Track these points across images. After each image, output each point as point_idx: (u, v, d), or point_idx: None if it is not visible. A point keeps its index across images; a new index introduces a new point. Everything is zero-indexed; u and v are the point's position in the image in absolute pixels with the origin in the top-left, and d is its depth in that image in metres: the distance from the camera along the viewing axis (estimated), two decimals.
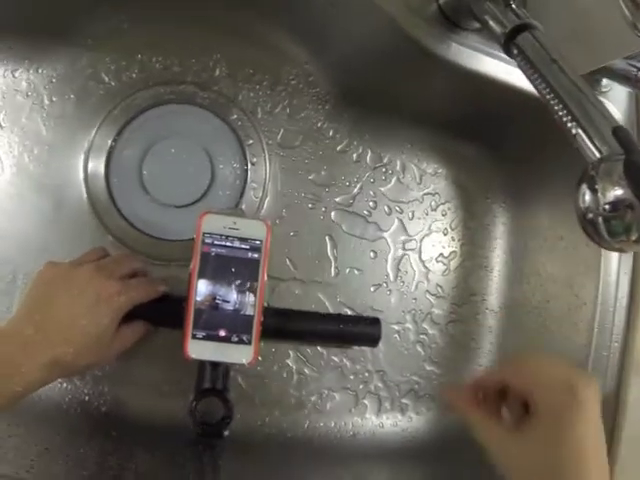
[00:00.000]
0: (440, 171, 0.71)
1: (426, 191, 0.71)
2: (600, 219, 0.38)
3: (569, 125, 0.42)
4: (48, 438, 0.55)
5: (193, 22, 0.64)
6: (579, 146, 0.41)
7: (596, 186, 0.38)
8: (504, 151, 0.70)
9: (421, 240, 0.70)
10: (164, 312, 0.58)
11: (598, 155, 0.39)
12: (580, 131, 0.41)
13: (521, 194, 0.71)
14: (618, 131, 0.40)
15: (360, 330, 0.63)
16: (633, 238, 0.37)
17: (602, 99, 0.62)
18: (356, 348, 0.67)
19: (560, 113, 0.42)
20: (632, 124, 0.63)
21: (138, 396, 0.62)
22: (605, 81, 0.62)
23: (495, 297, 0.72)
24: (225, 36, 0.65)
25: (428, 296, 0.70)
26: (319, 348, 0.66)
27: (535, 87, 0.45)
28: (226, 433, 0.56)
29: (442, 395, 0.52)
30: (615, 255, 0.61)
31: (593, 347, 0.61)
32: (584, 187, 0.39)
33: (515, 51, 0.47)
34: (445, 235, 0.71)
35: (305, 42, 0.65)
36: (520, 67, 0.46)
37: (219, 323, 0.54)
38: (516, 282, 0.71)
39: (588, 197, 0.38)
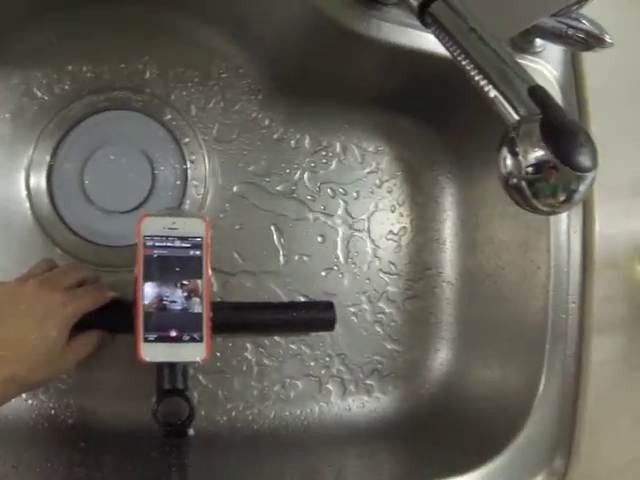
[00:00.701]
0: (381, 148, 0.71)
1: (369, 169, 0.71)
2: (524, 183, 0.37)
3: (486, 88, 0.41)
4: (16, 455, 0.56)
5: (118, 28, 0.64)
6: (498, 109, 0.41)
7: (516, 149, 0.37)
8: (444, 121, 0.70)
9: (369, 219, 0.70)
10: (115, 318, 0.59)
11: (516, 117, 0.39)
12: (497, 93, 0.40)
13: (466, 163, 0.71)
14: (534, 90, 0.39)
15: (314, 316, 0.64)
16: (561, 199, 0.36)
17: (537, 59, 0.62)
18: (314, 334, 0.67)
19: (477, 77, 0.42)
20: (569, 81, 0.63)
21: (103, 404, 0.62)
22: (539, 41, 0.62)
23: (450, 269, 0.72)
24: (152, 38, 0.65)
25: (382, 275, 0.70)
26: (276, 338, 0.66)
27: (450, 53, 0.44)
28: (191, 432, 0.57)
29: None
30: (564, 215, 0.61)
31: (550, 310, 0.60)
32: (504, 151, 0.38)
33: (429, 20, 0.46)
34: (393, 212, 0.71)
35: (230, 34, 0.65)
36: (436, 36, 0.46)
37: (169, 324, 0.55)
38: (470, 252, 0.71)
39: (509, 161, 0.38)
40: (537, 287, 0.62)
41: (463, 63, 0.43)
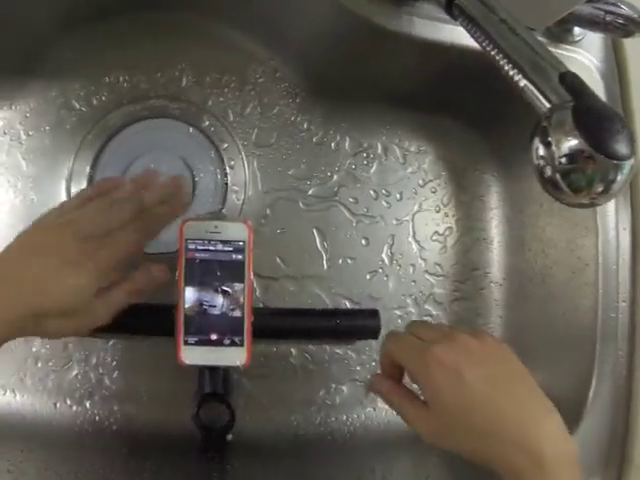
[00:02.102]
0: (423, 148, 0.70)
1: (411, 170, 0.70)
2: (558, 175, 0.35)
3: (516, 78, 0.40)
4: (59, 462, 0.56)
5: (151, 36, 0.65)
6: (530, 99, 0.39)
7: (549, 138, 0.35)
8: (486, 119, 0.68)
9: (413, 220, 0.69)
10: (155, 320, 0.59)
11: (548, 105, 0.37)
12: (527, 82, 0.39)
13: (511, 160, 0.69)
14: (565, 77, 0.37)
15: (358, 323, 0.63)
16: (598, 190, 0.34)
17: (576, 48, 0.61)
18: None
19: (506, 67, 0.40)
20: (612, 70, 0.61)
21: (146, 410, 0.62)
22: (577, 30, 0.61)
23: (497, 269, 0.70)
24: (186, 44, 0.65)
25: (427, 276, 0.69)
26: None
27: (479, 44, 0.43)
28: (229, 437, 0.56)
29: (372, 390, 0.51)
30: (611, 210, 0.59)
31: (600, 309, 0.58)
32: (537, 141, 0.36)
33: (457, 12, 0.45)
34: (438, 212, 0.70)
35: (264, 38, 0.65)
36: (464, 27, 0.44)
37: (210, 327, 0.54)
38: (517, 251, 0.69)
39: (542, 152, 0.36)
40: (586, 286, 0.60)
41: (492, 53, 0.42)
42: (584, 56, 0.61)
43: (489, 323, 0.70)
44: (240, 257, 0.54)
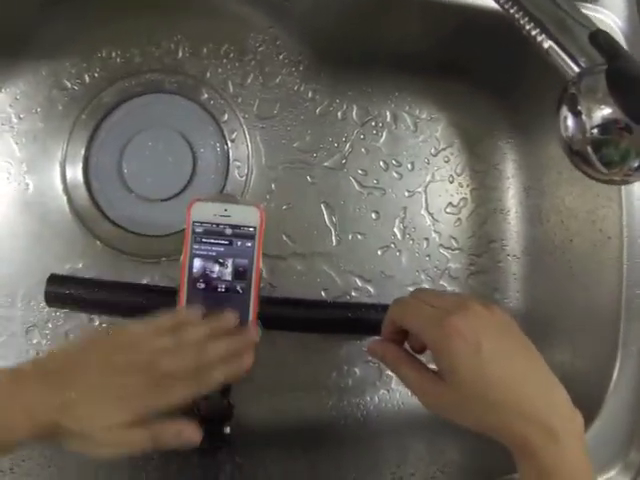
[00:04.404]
0: (435, 115, 0.67)
1: (423, 138, 0.67)
2: (589, 148, 0.31)
3: (539, 39, 0.36)
4: (62, 458, 0.54)
5: (144, 8, 0.61)
6: (555, 62, 0.35)
7: (578, 107, 0.32)
8: (501, 82, 0.65)
9: (425, 191, 0.66)
10: (156, 305, 0.55)
11: (576, 69, 0.33)
12: (552, 43, 0.35)
13: (528, 126, 0.66)
14: (596, 36, 0.34)
15: (371, 317, 0.60)
16: (634, 165, 0.31)
17: (598, 7, 0.57)
18: None
19: (528, 27, 0.37)
20: (636, 32, 0.58)
21: None
22: None
23: (515, 241, 0.68)
24: (181, 15, 0.62)
25: (442, 250, 0.66)
26: None
27: (497, 2, 0.39)
28: (227, 430, 0.54)
29: (371, 354, 0.48)
30: None
31: (624, 286, 0.55)
32: (565, 110, 0.33)
33: None
34: (451, 182, 0.67)
35: (263, 4, 0.62)
36: None
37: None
38: (535, 222, 0.67)
39: (571, 122, 0.33)
40: (609, 260, 0.57)
41: (512, 11, 0.38)
42: (606, 15, 0.57)
43: (507, 298, 0.67)
44: (250, 244, 0.51)
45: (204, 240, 0.51)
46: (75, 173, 0.61)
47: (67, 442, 0.42)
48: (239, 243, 0.51)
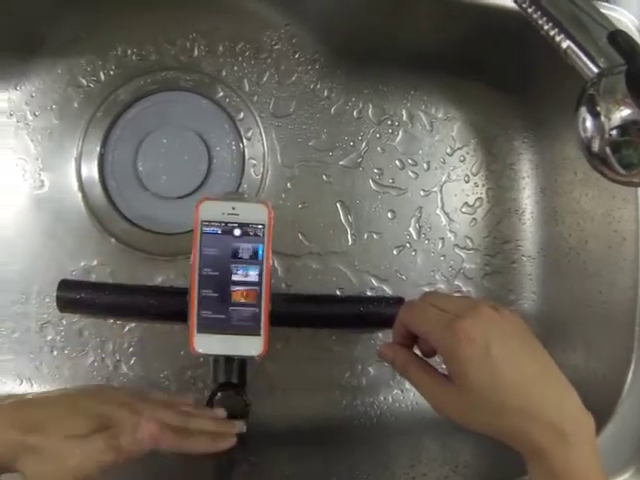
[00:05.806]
0: (451, 114, 0.67)
1: (439, 137, 0.67)
2: (608, 149, 0.31)
3: (557, 38, 0.36)
4: None
5: (160, 5, 0.61)
6: (573, 63, 0.35)
7: (598, 108, 0.32)
8: (518, 82, 0.65)
9: (441, 191, 0.66)
10: (169, 306, 0.57)
11: (595, 70, 0.33)
12: (570, 43, 0.35)
13: (544, 126, 0.66)
14: (615, 36, 0.33)
15: (382, 311, 0.60)
16: None
17: (613, 6, 0.57)
18: None
19: (546, 27, 0.36)
20: None
21: None
22: None
23: (530, 242, 0.67)
24: (197, 13, 0.62)
25: (457, 250, 0.66)
26: None
27: (515, 1, 0.38)
28: (243, 429, 0.53)
29: (381, 357, 0.48)
30: None
31: None
32: (583, 111, 0.33)
33: None
34: (467, 182, 0.67)
35: (280, 2, 0.61)
36: None
37: (225, 315, 0.51)
38: (550, 223, 0.66)
39: (590, 123, 0.33)
40: (625, 262, 0.57)
41: (529, 11, 0.38)
42: (621, 14, 0.57)
43: (521, 299, 0.67)
44: (259, 241, 0.51)
45: (213, 239, 0.51)
46: (90, 171, 0.61)
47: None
48: (248, 240, 0.51)
